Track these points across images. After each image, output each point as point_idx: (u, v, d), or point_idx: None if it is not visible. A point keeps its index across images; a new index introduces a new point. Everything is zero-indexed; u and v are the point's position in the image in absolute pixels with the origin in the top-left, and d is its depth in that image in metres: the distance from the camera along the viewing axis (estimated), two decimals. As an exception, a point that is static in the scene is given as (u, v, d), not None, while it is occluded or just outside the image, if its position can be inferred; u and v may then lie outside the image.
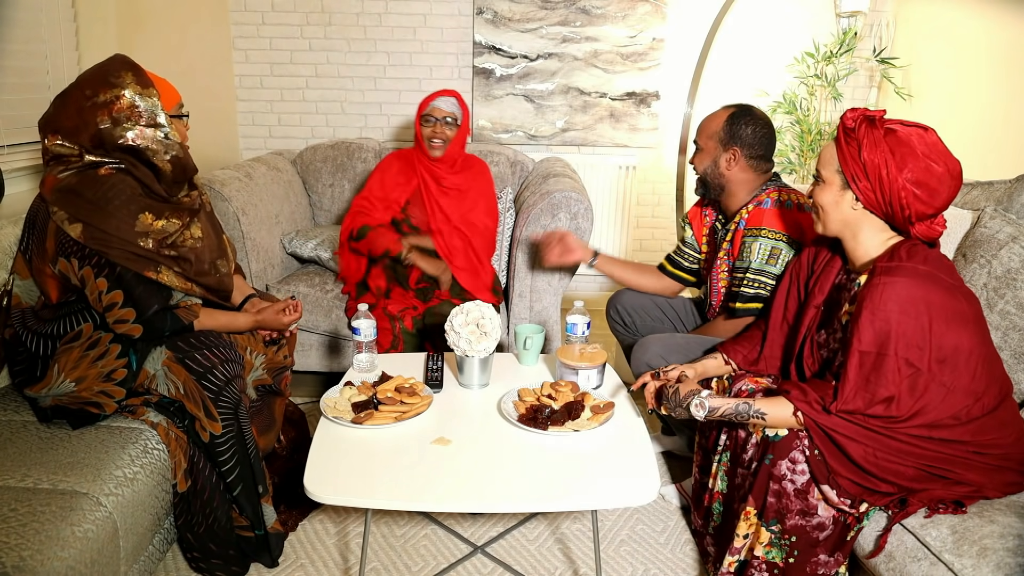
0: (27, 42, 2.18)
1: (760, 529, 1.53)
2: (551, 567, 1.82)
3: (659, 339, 2.02)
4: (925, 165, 1.42)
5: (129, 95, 1.56)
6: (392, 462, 1.46)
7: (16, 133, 2.11)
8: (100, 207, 1.55)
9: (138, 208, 1.59)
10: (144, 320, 1.60)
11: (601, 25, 3.48)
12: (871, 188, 1.46)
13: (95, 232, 1.54)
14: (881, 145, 1.44)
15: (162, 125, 1.60)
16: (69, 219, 1.54)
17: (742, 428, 1.62)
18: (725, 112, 1.99)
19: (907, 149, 1.42)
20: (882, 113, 1.48)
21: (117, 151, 1.58)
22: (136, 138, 1.57)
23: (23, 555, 1.19)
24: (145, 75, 1.60)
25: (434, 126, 2.43)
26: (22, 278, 1.65)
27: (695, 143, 2.05)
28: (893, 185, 1.43)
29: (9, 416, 1.66)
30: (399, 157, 2.60)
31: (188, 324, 1.67)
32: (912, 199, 1.43)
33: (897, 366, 1.40)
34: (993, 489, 1.45)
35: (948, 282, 1.45)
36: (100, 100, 1.55)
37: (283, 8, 3.49)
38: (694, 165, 2.05)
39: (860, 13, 3.28)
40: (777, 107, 3.39)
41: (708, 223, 2.16)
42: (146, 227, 1.59)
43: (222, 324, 1.76)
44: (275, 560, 1.76)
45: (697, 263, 2.21)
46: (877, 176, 1.44)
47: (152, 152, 1.60)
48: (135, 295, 1.59)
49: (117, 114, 1.55)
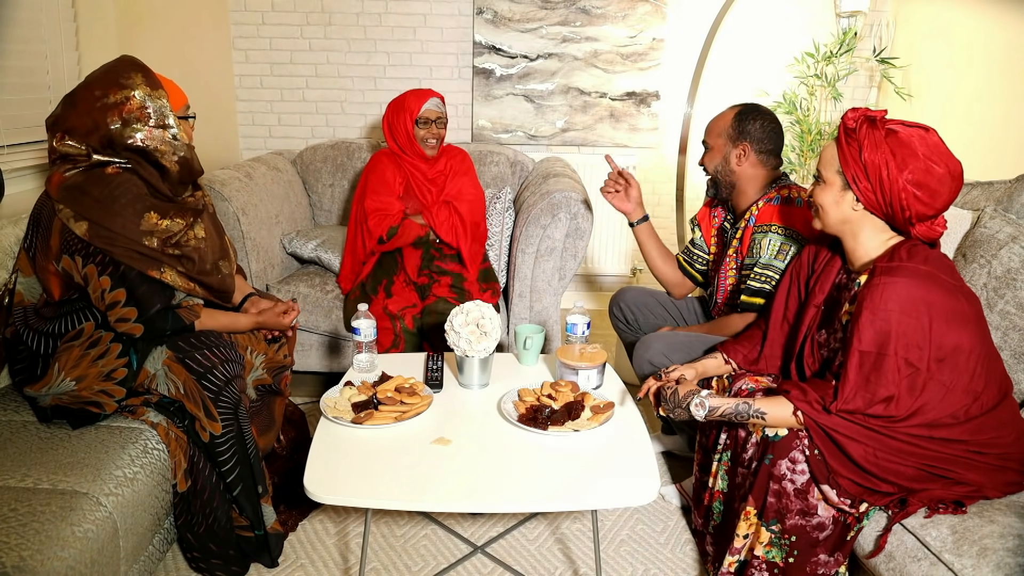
0: (27, 42, 2.18)
1: (760, 529, 1.53)
2: (551, 567, 1.82)
3: (661, 337, 2.02)
4: (926, 166, 1.41)
5: (139, 96, 1.57)
6: (392, 462, 1.46)
7: (16, 133, 2.11)
8: (106, 205, 1.55)
9: (144, 207, 1.59)
10: (145, 319, 1.60)
11: (601, 25, 3.47)
12: (871, 189, 1.46)
13: (100, 230, 1.54)
14: (882, 146, 1.44)
15: (171, 126, 1.61)
16: (75, 217, 1.54)
17: (742, 428, 1.62)
18: (732, 110, 2.00)
19: (908, 150, 1.42)
20: (883, 113, 1.48)
21: (125, 151, 1.59)
22: (145, 139, 1.58)
23: (23, 555, 1.19)
24: (154, 76, 1.62)
25: (429, 127, 2.51)
26: (25, 275, 1.65)
27: (704, 143, 2.06)
28: (894, 186, 1.43)
29: (9, 416, 1.66)
30: (385, 154, 2.64)
31: (189, 324, 1.67)
32: (913, 200, 1.43)
33: (897, 366, 1.40)
34: (993, 489, 1.45)
35: (949, 282, 1.45)
36: (110, 101, 1.56)
37: (283, 8, 3.49)
38: (704, 165, 2.06)
39: (860, 13, 3.28)
40: (777, 107, 3.39)
41: (717, 223, 2.17)
42: (151, 226, 1.60)
43: (223, 324, 1.76)
44: (275, 560, 1.76)
45: (706, 264, 2.22)
46: (878, 177, 1.44)
47: (160, 153, 1.60)
48: (138, 294, 1.59)
49: (127, 115, 1.56)
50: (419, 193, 2.58)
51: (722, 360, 1.80)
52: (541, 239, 2.48)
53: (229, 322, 1.78)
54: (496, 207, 2.81)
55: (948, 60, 3.00)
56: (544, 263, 2.51)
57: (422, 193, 2.58)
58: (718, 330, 2.04)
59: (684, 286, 2.29)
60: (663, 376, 1.73)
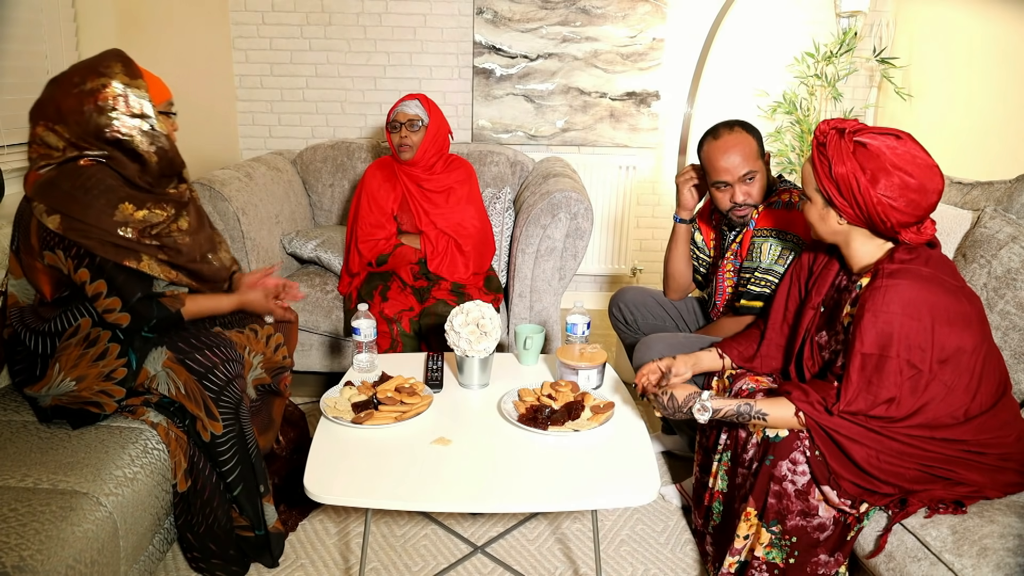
0: (27, 42, 2.18)
1: (760, 530, 1.53)
2: (551, 567, 1.82)
3: (662, 338, 2.02)
4: (900, 180, 1.39)
5: (116, 85, 1.56)
6: (392, 462, 1.46)
7: (16, 133, 2.11)
8: (77, 197, 1.54)
9: (117, 198, 1.58)
10: (129, 308, 1.59)
11: (601, 25, 3.47)
12: (848, 204, 1.45)
13: (73, 222, 1.53)
14: (850, 160, 1.42)
15: (148, 116, 1.59)
16: (48, 211, 1.53)
17: (743, 429, 1.62)
18: (742, 130, 1.89)
19: (877, 163, 1.40)
20: (854, 124, 1.46)
21: (103, 142, 1.57)
22: (120, 127, 1.57)
23: (23, 555, 1.19)
24: (135, 68, 1.60)
25: (400, 131, 2.46)
26: (16, 277, 1.65)
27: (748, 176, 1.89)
28: (868, 200, 1.42)
29: (9, 416, 1.66)
30: (380, 167, 2.61)
31: (175, 312, 1.66)
32: (891, 211, 1.42)
33: (899, 367, 1.39)
34: (993, 489, 1.45)
35: (951, 283, 1.45)
36: (87, 88, 1.55)
37: (283, 8, 3.49)
38: (750, 195, 1.90)
39: (860, 13, 3.27)
40: (777, 107, 3.39)
41: (715, 224, 2.16)
42: (126, 217, 1.58)
43: (206, 308, 1.75)
44: (275, 560, 1.76)
45: (707, 266, 2.20)
46: (850, 192, 1.43)
47: (136, 142, 1.59)
48: (117, 284, 1.58)
49: (103, 103, 1.55)
50: (415, 211, 2.53)
51: (716, 354, 1.80)
52: (541, 239, 2.48)
53: (212, 305, 1.77)
54: (496, 207, 2.81)
55: (948, 60, 3.01)
56: (544, 263, 2.51)
57: (418, 213, 2.53)
58: (717, 332, 2.04)
59: (688, 290, 2.28)
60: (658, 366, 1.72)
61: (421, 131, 2.46)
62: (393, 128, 2.47)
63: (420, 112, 2.47)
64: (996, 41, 2.71)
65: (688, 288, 2.27)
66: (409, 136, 2.45)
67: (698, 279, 2.25)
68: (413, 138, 2.46)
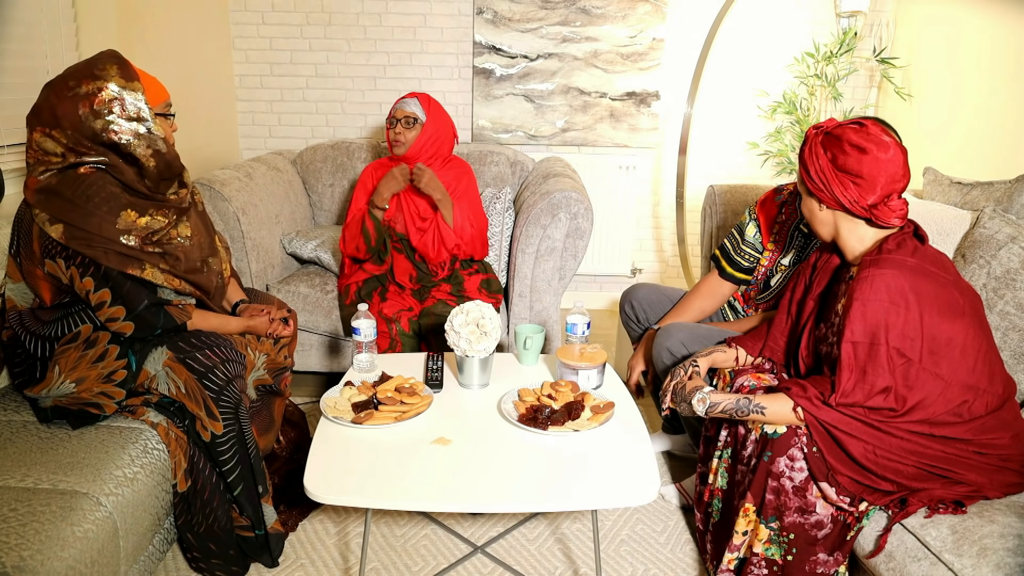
0: (27, 42, 2.18)
1: (759, 526, 1.54)
2: (551, 567, 1.82)
3: (684, 327, 1.98)
4: (855, 157, 1.48)
5: (111, 87, 1.54)
6: (392, 462, 1.46)
7: (16, 133, 2.11)
8: (80, 206, 1.53)
9: (119, 205, 1.57)
10: (135, 316, 1.59)
11: (601, 25, 3.47)
12: (818, 188, 1.54)
13: (76, 232, 1.52)
14: (819, 148, 1.54)
15: (145, 119, 1.58)
16: (50, 220, 1.52)
17: (743, 425, 1.62)
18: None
19: (836, 145, 1.51)
20: (832, 122, 1.56)
21: (100, 146, 1.56)
22: (117, 131, 1.55)
23: (23, 555, 1.19)
24: (131, 69, 1.58)
25: (395, 127, 2.49)
26: (14, 281, 1.64)
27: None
28: (827, 176, 1.51)
29: (9, 416, 1.66)
30: (378, 167, 2.62)
31: (181, 324, 1.67)
32: (850, 186, 1.49)
33: (888, 355, 1.41)
34: (993, 489, 1.45)
35: (939, 274, 1.47)
36: (82, 91, 1.53)
37: (283, 8, 3.49)
38: None
39: (860, 13, 3.27)
40: (777, 107, 3.39)
41: (783, 220, 2.01)
42: (129, 224, 1.58)
43: (214, 326, 1.76)
44: (275, 560, 1.76)
45: (755, 263, 2.07)
46: (817, 174, 1.53)
47: (133, 146, 1.57)
48: (122, 292, 1.57)
49: (99, 106, 1.53)
50: (406, 209, 2.52)
51: (731, 351, 1.81)
52: (541, 239, 2.48)
53: (220, 324, 1.78)
54: (496, 207, 2.81)
55: (948, 60, 3.00)
56: (544, 263, 2.51)
57: (407, 204, 2.52)
58: (739, 327, 2.03)
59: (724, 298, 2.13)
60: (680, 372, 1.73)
61: (416, 128, 2.48)
62: (391, 124, 2.50)
63: (417, 110, 2.49)
64: (996, 41, 2.71)
65: (717, 299, 2.14)
66: (403, 132, 2.48)
67: (741, 277, 2.10)
68: (407, 135, 2.48)
